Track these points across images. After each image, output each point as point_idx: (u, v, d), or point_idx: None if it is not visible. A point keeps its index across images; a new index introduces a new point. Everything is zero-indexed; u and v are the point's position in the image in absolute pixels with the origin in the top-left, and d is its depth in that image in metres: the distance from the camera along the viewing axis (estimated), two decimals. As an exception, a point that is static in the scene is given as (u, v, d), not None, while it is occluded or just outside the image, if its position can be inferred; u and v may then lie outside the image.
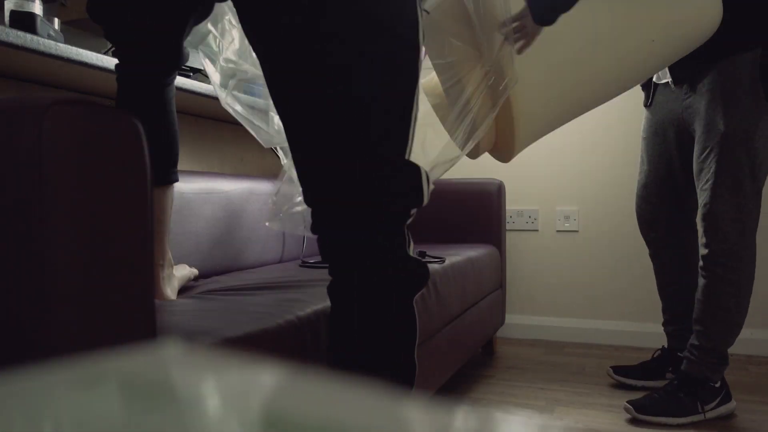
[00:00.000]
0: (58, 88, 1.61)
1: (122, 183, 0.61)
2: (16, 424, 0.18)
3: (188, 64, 1.76)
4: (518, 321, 2.46)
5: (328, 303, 0.99)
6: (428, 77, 1.43)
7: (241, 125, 2.32)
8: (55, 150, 0.55)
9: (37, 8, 1.46)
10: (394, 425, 0.19)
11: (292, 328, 0.89)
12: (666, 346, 1.80)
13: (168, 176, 1.07)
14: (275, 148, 1.36)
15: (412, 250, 0.85)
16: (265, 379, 0.23)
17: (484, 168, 2.46)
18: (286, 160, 1.27)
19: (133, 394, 0.21)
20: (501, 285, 2.17)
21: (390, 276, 0.82)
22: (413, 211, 0.84)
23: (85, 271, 0.56)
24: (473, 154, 1.37)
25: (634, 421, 1.51)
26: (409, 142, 0.84)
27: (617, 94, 1.40)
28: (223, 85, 1.30)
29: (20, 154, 0.55)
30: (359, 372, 0.82)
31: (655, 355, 1.81)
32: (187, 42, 1.26)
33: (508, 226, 2.41)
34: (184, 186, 1.48)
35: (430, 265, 1.46)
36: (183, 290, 1.19)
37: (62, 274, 0.55)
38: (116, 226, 0.60)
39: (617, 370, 1.81)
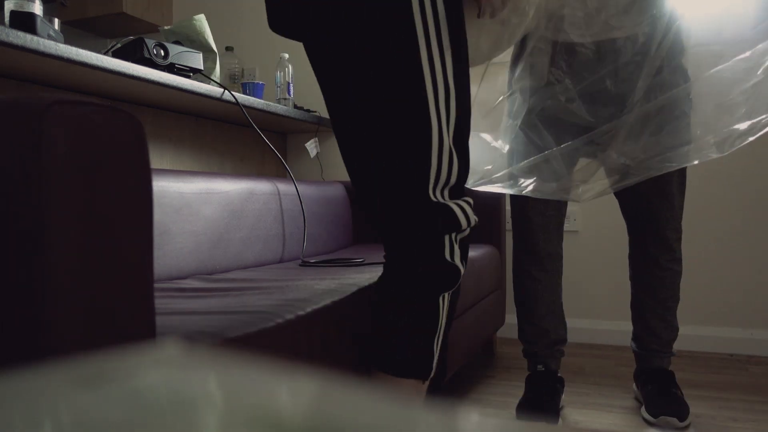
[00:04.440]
0: (58, 88, 1.61)
1: (123, 183, 0.60)
2: (16, 424, 0.18)
3: (188, 64, 1.76)
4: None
5: (327, 302, 1.00)
6: None
7: (241, 125, 2.32)
8: (55, 150, 0.55)
9: (37, 9, 1.46)
10: (393, 425, 0.19)
11: (291, 328, 0.89)
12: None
13: None
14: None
15: (454, 255, 1.01)
16: (263, 380, 0.23)
17: (484, 168, 2.46)
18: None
19: (133, 394, 0.21)
20: (501, 285, 2.17)
21: (418, 276, 1.00)
22: (457, 229, 1.00)
23: (85, 271, 0.56)
24: None
25: (637, 422, 1.51)
26: (432, 177, 0.98)
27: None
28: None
29: (20, 154, 0.55)
30: (382, 348, 1.03)
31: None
32: (186, 41, 1.26)
33: (508, 227, 2.41)
34: (184, 186, 1.48)
35: None
36: (181, 290, 1.19)
37: (62, 275, 0.55)
38: (116, 227, 0.60)
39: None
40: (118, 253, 0.60)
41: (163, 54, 1.68)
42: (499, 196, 2.16)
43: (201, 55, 1.83)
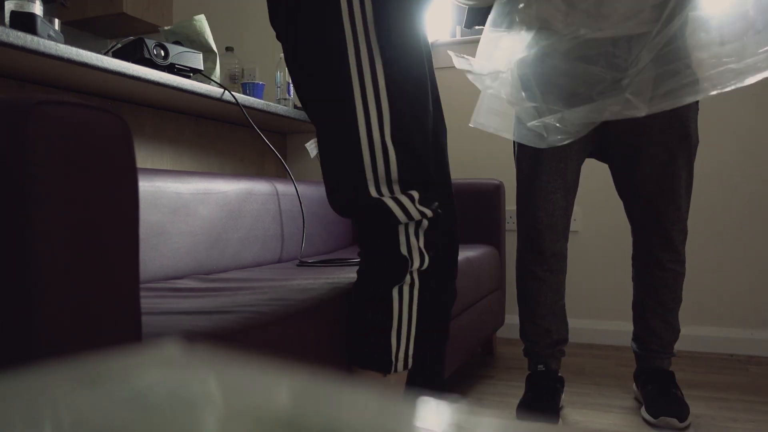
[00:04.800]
0: (58, 88, 1.61)
1: (108, 182, 0.60)
2: (16, 424, 0.18)
3: (188, 64, 1.76)
4: (519, 321, 2.45)
5: (318, 302, 1.02)
6: None
7: (241, 125, 2.32)
8: (40, 150, 0.54)
9: (38, 9, 1.46)
10: (389, 424, 0.19)
11: (281, 327, 0.89)
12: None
13: None
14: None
15: (411, 248, 1.03)
16: (262, 380, 0.23)
17: (484, 168, 2.46)
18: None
19: (133, 394, 0.21)
20: (500, 285, 2.17)
21: (369, 269, 1.05)
22: (396, 223, 1.02)
23: (70, 271, 0.56)
24: None
25: (637, 422, 1.51)
26: (368, 174, 1.01)
27: None
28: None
29: (5, 154, 0.54)
30: (348, 339, 1.06)
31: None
32: (186, 41, 1.26)
33: (507, 227, 2.41)
34: (181, 186, 1.48)
35: None
36: (176, 290, 1.19)
37: (46, 275, 0.54)
38: (102, 226, 0.59)
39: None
40: (104, 252, 0.59)
41: (163, 54, 1.68)
42: (498, 197, 2.16)
43: (201, 55, 1.83)
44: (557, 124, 1.38)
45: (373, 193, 1.01)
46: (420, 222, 1.04)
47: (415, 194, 1.04)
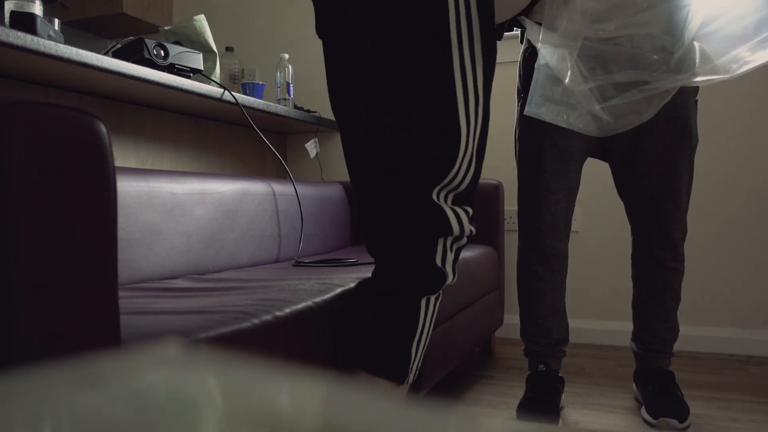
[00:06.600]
0: (58, 88, 1.61)
1: (85, 183, 0.60)
2: (16, 424, 0.18)
3: (188, 64, 1.76)
4: (518, 321, 2.45)
5: (307, 303, 1.00)
6: None
7: (241, 125, 2.32)
8: (15, 152, 0.54)
9: (38, 9, 1.46)
10: (388, 425, 0.19)
11: (267, 328, 0.88)
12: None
13: None
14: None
15: (446, 261, 0.99)
16: (262, 380, 0.23)
17: (483, 168, 2.46)
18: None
19: (133, 394, 0.21)
20: (499, 285, 2.17)
21: (401, 276, 0.98)
22: (448, 234, 0.98)
23: (44, 273, 0.56)
24: None
25: (637, 422, 1.51)
26: (441, 182, 0.96)
27: None
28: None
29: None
30: (360, 344, 1.01)
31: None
32: (186, 41, 1.26)
33: (506, 227, 2.41)
34: (176, 186, 1.48)
35: None
36: (167, 290, 1.19)
37: (20, 277, 0.54)
38: (76, 228, 0.59)
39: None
40: (79, 253, 0.59)
41: (163, 54, 1.68)
42: (496, 197, 2.16)
43: (201, 55, 1.83)
44: (625, 102, 1.35)
45: (433, 197, 0.96)
46: (461, 238, 1.00)
47: (470, 210, 1.01)
